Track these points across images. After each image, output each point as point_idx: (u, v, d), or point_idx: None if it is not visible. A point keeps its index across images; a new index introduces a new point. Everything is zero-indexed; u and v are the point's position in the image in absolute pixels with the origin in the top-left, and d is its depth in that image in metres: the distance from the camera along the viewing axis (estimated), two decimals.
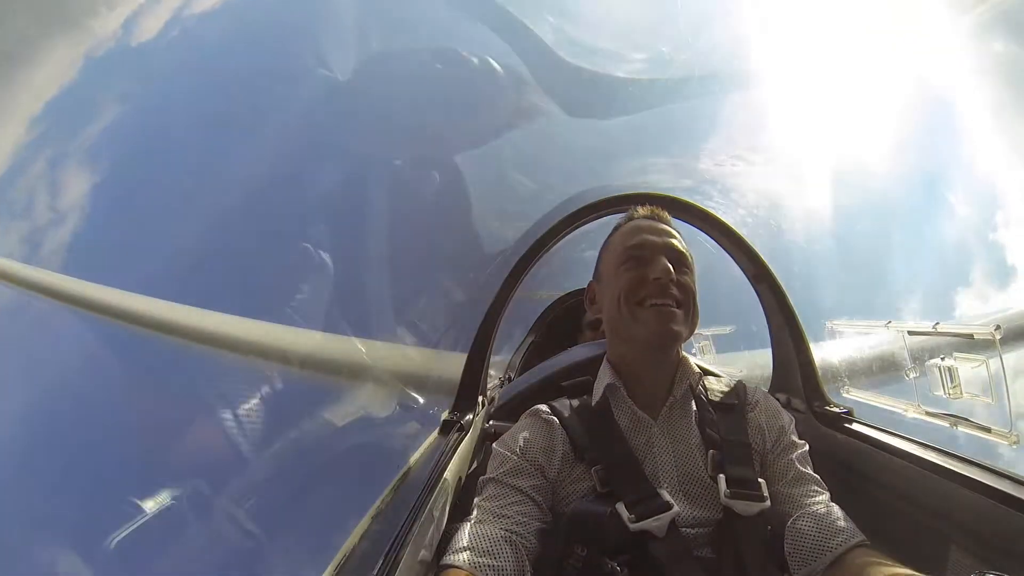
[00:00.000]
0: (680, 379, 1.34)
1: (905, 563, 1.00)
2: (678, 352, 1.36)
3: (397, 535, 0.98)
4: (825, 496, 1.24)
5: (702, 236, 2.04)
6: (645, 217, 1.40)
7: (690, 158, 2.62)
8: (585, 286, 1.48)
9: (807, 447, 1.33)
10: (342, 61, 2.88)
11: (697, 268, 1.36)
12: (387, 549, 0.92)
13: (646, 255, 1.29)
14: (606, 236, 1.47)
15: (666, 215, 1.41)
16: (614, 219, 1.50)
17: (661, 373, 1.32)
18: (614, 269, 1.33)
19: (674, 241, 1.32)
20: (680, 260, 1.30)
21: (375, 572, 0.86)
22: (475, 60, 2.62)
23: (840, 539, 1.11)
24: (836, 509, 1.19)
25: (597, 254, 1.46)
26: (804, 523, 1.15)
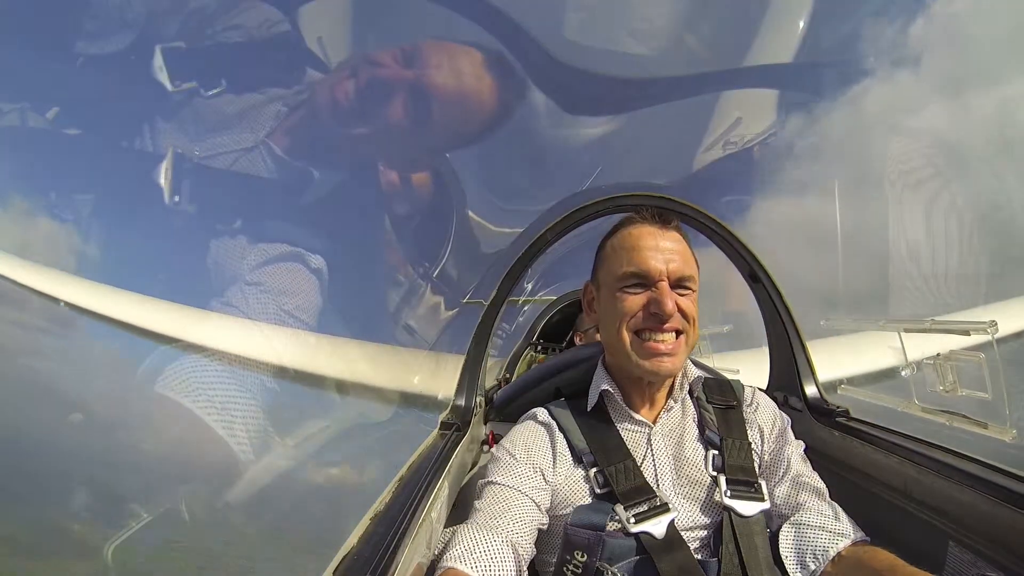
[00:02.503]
0: (680, 383, 1.34)
1: (904, 560, 1.00)
2: None
3: (395, 537, 0.97)
4: (824, 495, 1.24)
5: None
6: (647, 223, 1.30)
7: (687, 156, 2.63)
8: (579, 290, 1.45)
9: (804, 446, 1.34)
10: (331, 59, 2.88)
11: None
12: (385, 551, 0.92)
13: (647, 281, 1.23)
14: (605, 233, 1.42)
15: (674, 222, 1.32)
16: (613, 218, 1.48)
17: (658, 383, 1.32)
18: (612, 286, 1.27)
19: (677, 260, 1.24)
20: (684, 280, 1.24)
21: (373, 575, 0.85)
22: (471, 59, 2.62)
23: (841, 537, 1.11)
24: (836, 507, 1.19)
25: (595, 251, 1.40)
26: (804, 522, 1.15)
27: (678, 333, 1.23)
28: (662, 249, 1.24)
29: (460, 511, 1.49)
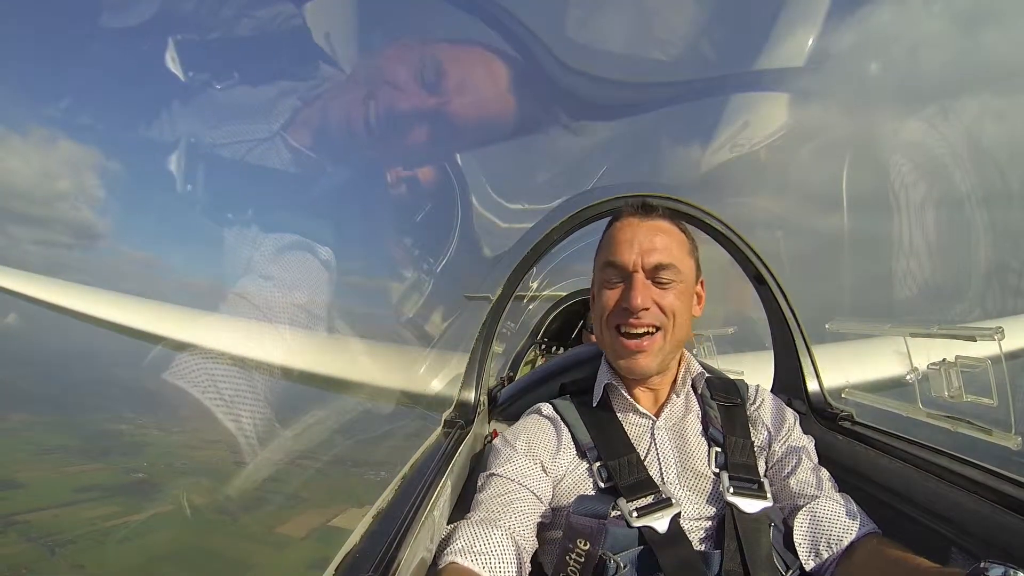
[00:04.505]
0: (683, 378, 1.35)
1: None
2: (681, 352, 1.36)
3: (398, 534, 0.98)
4: (835, 487, 1.24)
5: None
6: (629, 216, 1.29)
7: (694, 158, 2.62)
8: (583, 289, 1.47)
9: (813, 441, 1.34)
10: (337, 59, 2.89)
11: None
12: (388, 548, 0.93)
13: (621, 274, 1.24)
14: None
15: (658, 210, 1.31)
16: None
17: (659, 377, 1.33)
18: (598, 280, 1.30)
19: (655, 251, 1.22)
20: (662, 271, 1.22)
21: (376, 571, 0.86)
22: (480, 58, 2.63)
23: (854, 527, 1.12)
24: (847, 499, 1.20)
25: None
26: (818, 512, 1.16)
27: (656, 329, 1.23)
28: (639, 240, 1.24)
29: (463, 509, 1.50)
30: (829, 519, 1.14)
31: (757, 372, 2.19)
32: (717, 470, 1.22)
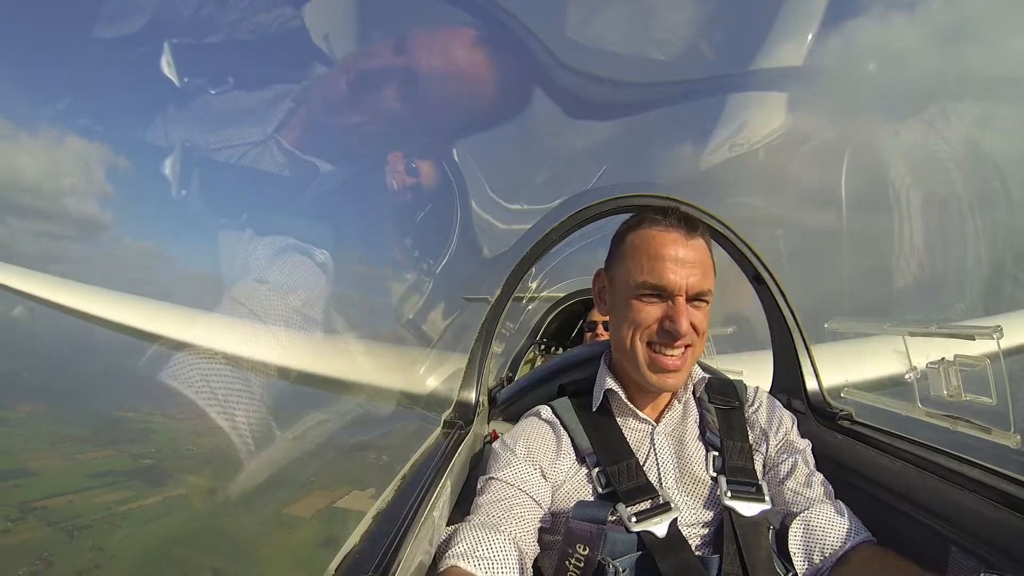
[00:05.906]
0: (684, 384, 1.35)
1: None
2: None
3: (397, 535, 0.98)
4: (830, 494, 1.24)
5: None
6: (673, 228, 1.24)
7: (693, 157, 2.62)
8: (583, 289, 1.46)
9: (810, 445, 1.34)
10: (333, 55, 2.89)
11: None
12: (387, 549, 0.93)
13: (664, 294, 1.20)
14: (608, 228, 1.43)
15: (700, 228, 1.26)
16: (617, 219, 1.48)
17: None
18: (628, 290, 1.24)
19: (697, 274, 1.20)
20: (700, 293, 1.22)
21: (376, 572, 0.86)
22: (478, 57, 2.63)
23: (849, 536, 1.11)
24: (842, 506, 1.19)
25: (610, 241, 1.37)
26: (813, 520, 1.16)
27: (687, 347, 1.23)
28: (683, 261, 1.20)
29: (463, 510, 1.50)
30: (823, 527, 1.14)
31: (757, 372, 2.19)
32: (715, 474, 1.22)
